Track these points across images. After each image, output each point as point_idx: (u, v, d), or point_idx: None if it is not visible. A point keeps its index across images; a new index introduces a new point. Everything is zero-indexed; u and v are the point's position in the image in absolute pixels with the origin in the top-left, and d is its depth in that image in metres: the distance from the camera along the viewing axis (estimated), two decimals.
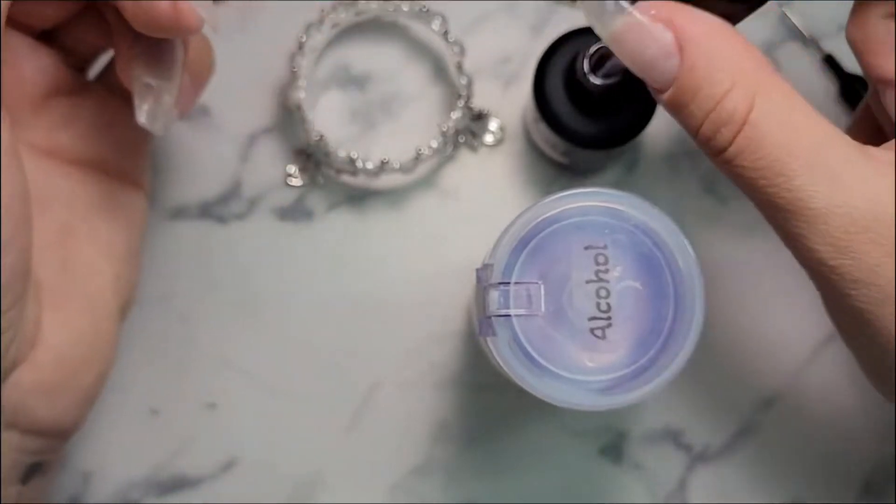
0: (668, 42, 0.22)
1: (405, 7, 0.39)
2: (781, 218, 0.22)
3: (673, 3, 0.22)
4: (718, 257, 0.40)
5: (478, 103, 0.40)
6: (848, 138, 0.21)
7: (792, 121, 0.21)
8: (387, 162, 0.38)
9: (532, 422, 0.40)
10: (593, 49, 0.32)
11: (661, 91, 0.22)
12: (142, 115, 0.26)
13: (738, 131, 0.21)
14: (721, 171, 0.23)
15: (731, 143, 0.21)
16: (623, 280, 0.26)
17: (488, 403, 0.40)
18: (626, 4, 0.22)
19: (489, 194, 0.41)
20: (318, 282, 0.40)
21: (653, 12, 0.22)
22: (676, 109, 0.22)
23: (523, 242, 0.26)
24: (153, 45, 0.26)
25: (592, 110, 0.36)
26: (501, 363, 0.26)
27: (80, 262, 0.29)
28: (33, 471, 0.28)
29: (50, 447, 0.29)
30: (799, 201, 0.21)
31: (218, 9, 0.27)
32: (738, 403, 0.40)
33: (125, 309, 0.32)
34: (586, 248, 0.26)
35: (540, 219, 0.26)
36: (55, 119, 0.29)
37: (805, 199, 0.21)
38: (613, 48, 0.23)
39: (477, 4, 0.41)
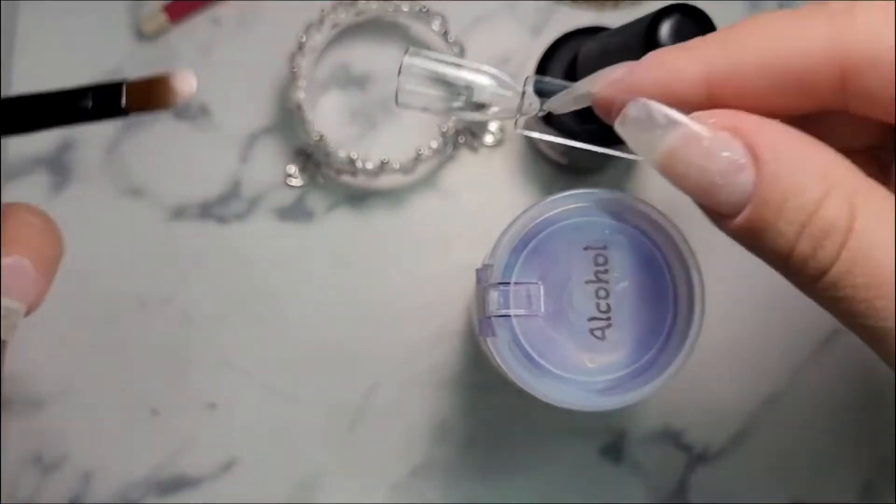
0: (739, 152, 0.18)
1: (405, 7, 0.39)
2: None
3: (734, 109, 0.18)
4: (718, 258, 0.40)
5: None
6: None
7: None
8: (387, 162, 0.38)
9: (532, 422, 0.40)
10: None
11: (732, 216, 0.18)
12: None
13: (844, 243, 0.17)
14: (820, 302, 0.18)
15: (836, 260, 0.17)
16: (623, 280, 0.26)
17: (488, 404, 0.40)
18: (679, 115, 0.18)
19: (489, 195, 0.41)
20: (318, 282, 0.40)
21: (712, 120, 0.18)
22: (757, 234, 0.18)
23: (523, 243, 0.26)
24: None
25: (592, 110, 0.36)
26: (501, 363, 0.26)
27: None
28: None
29: None
30: None
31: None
32: (738, 404, 0.40)
33: None
34: (586, 248, 0.26)
35: (540, 219, 0.26)
36: None
37: None
38: (666, 171, 0.19)
39: (477, 4, 0.41)
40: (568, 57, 0.36)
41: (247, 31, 0.40)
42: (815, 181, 0.17)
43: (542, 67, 0.36)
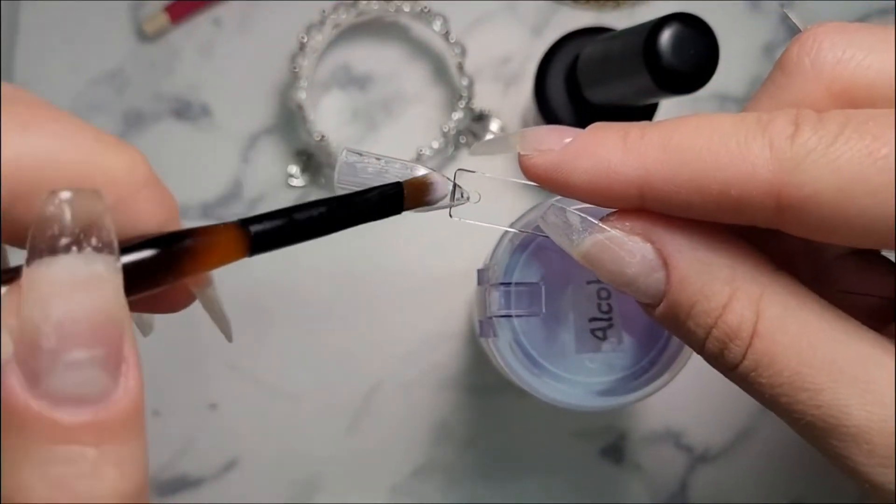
0: (650, 255, 0.19)
1: (406, 8, 0.39)
2: (815, 437, 0.18)
3: (646, 211, 0.19)
4: None
5: (479, 104, 0.40)
6: (862, 328, 0.18)
7: (805, 323, 0.18)
8: None
9: (533, 423, 0.40)
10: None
11: (652, 306, 0.19)
12: None
13: (748, 346, 0.18)
14: (737, 385, 0.20)
15: (742, 360, 0.18)
16: None
17: (489, 404, 0.40)
18: (593, 220, 0.19)
19: (490, 195, 0.40)
20: (320, 283, 0.40)
21: (627, 224, 0.19)
22: (673, 326, 0.19)
23: (524, 243, 0.26)
24: None
25: (593, 111, 0.36)
26: (502, 364, 0.26)
27: None
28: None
29: None
30: (831, 419, 0.17)
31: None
32: (739, 405, 0.40)
33: None
34: None
35: None
36: None
37: (838, 416, 0.17)
38: (588, 266, 0.20)
39: (478, 5, 0.41)
40: (568, 59, 0.36)
41: (248, 31, 0.40)
42: (719, 286, 0.18)
43: (543, 68, 0.36)
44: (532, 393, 0.26)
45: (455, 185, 0.23)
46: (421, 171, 0.22)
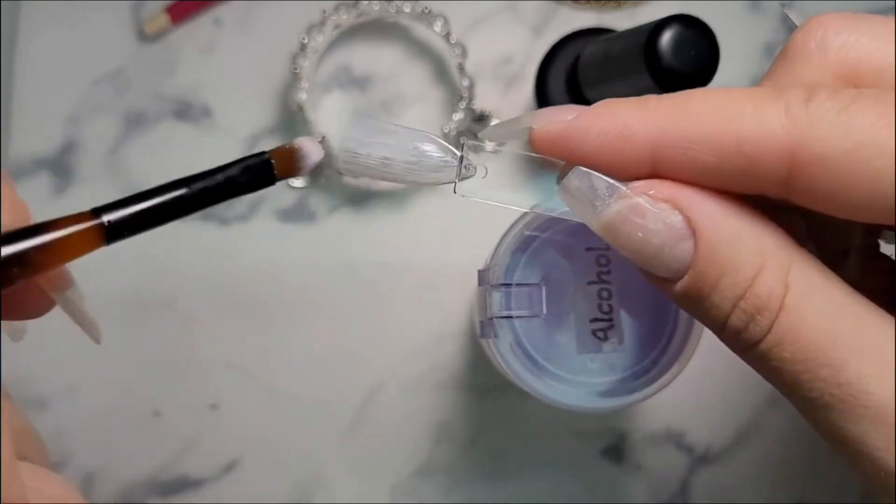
0: (678, 224, 0.18)
1: (407, 8, 0.39)
2: (828, 417, 0.18)
3: (671, 181, 0.18)
4: None
5: (479, 104, 0.40)
6: (882, 310, 0.18)
7: (830, 300, 0.18)
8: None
9: (533, 423, 0.40)
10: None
11: (672, 281, 0.19)
12: None
13: (775, 319, 0.18)
14: (752, 366, 0.19)
15: (767, 334, 0.18)
16: (625, 281, 0.26)
17: (490, 405, 0.40)
18: (620, 185, 0.18)
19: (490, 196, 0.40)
20: (320, 283, 0.40)
21: (652, 192, 0.18)
22: (694, 302, 0.19)
23: (525, 244, 0.26)
24: None
25: None
26: (503, 365, 0.26)
27: None
28: None
29: None
30: (851, 398, 0.17)
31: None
32: (740, 405, 0.40)
33: None
34: (588, 249, 0.26)
35: (541, 220, 0.26)
36: None
37: (858, 396, 0.17)
38: (609, 238, 0.19)
39: (478, 5, 0.41)
40: (569, 59, 0.36)
41: (248, 31, 0.40)
42: (750, 257, 0.18)
43: (544, 69, 0.36)
44: (533, 394, 0.26)
45: (462, 158, 0.22)
46: (427, 146, 0.22)
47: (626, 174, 0.19)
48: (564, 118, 0.20)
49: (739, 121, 0.17)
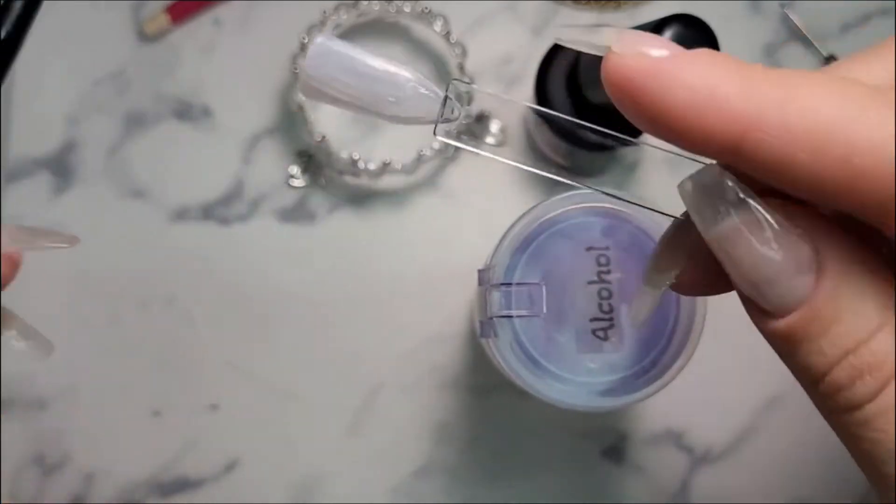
0: (806, 255, 0.16)
1: (407, 8, 0.39)
2: None
3: (810, 208, 0.16)
4: None
5: (479, 104, 0.40)
6: None
7: None
8: (389, 163, 0.38)
9: (533, 423, 0.40)
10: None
11: (775, 316, 0.16)
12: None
13: (885, 384, 0.15)
14: (841, 434, 0.17)
15: (874, 398, 0.16)
16: (625, 281, 0.26)
17: (490, 405, 0.40)
18: (755, 199, 0.16)
19: (490, 196, 0.41)
20: (320, 283, 0.40)
21: (784, 212, 0.16)
22: (795, 344, 0.16)
23: (525, 244, 0.26)
24: None
25: (595, 111, 0.36)
26: (503, 364, 0.26)
27: None
28: None
29: None
30: None
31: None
32: (740, 405, 0.40)
33: None
34: (588, 249, 0.26)
35: (541, 220, 0.26)
36: None
37: None
38: (720, 250, 0.16)
39: (478, 5, 0.41)
40: (569, 59, 0.36)
41: (248, 32, 0.40)
42: (873, 309, 0.16)
43: (544, 69, 0.36)
44: (533, 393, 0.26)
45: (446, 98, 0.20)
46: (405, 73, 0.19)
47: (705, 146, 0.16)
48: (653, 52, 0.16)
49: (855, 125, 0.14)
